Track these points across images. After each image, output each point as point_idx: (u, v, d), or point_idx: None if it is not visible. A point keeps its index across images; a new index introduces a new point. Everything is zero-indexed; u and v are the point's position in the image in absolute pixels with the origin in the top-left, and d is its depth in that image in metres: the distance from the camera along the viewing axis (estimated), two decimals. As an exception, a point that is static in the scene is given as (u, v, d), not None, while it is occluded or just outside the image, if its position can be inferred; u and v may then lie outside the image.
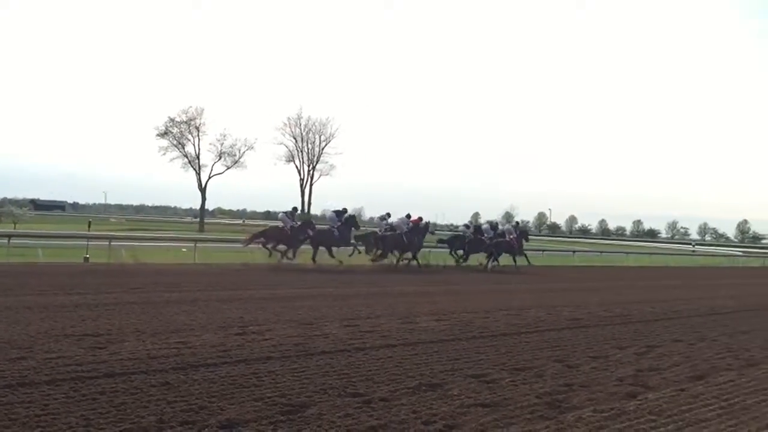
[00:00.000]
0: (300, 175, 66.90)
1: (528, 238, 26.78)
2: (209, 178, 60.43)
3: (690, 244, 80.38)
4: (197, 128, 59.07)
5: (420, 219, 22.36)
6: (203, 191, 60.72)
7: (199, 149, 59.49)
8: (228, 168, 60.57)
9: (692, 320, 11.47)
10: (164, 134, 58.79)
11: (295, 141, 66.52)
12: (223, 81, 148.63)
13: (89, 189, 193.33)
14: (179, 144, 59.29)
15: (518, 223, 27.95)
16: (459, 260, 23.56)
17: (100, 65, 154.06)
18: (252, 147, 60.84)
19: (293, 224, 19.72)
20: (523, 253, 24.79)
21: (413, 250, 21.59)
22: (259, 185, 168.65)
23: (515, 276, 21.16)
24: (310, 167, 66.92)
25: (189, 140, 59.37)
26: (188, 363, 5.97)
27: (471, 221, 30.55)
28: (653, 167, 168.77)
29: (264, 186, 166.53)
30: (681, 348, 8.36)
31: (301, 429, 4.35)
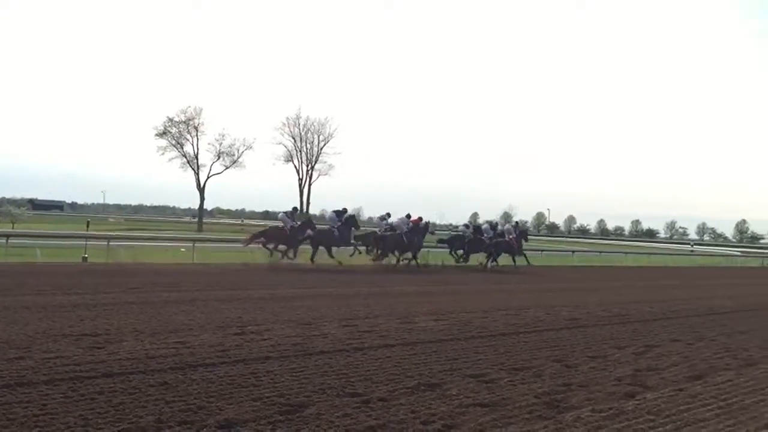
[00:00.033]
0: (299, 175, 67.03)
1: (527, 238, 26.78)
2: (208, 178, 60.52)
3: (688, 244, 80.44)
4: (196, 128, 59.14)
5: (420, 219, 22.35)
6: (202, 191, 60.78)
7: (198, 149, 59.58)
8: (227, 168, 60.71)
9: (691, 320, 11.48)
10: (163, 134, 58.85)
11: (294, 141, 66.64)
12: (222, 81, 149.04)
13: (88, 189, 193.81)
14: (178, 144, 59.34)
15: (518, 223, 27.95)
16: (459, 260, 23.56)
17: (99, 65, 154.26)
18: (251, 147, 61.03)
19: (293, 224, 19.70)
20: (523, 253, 24.82)
21: (413, 250, 21.58)
22: (258, 185, 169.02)
23: (514, 276, 21.16)
24: (309, 167, 67.05)
25: (188, 140, 59.44)
26: (187, 363, 5.96)
27: (470, 221, 30.58)
28: (652, 167, 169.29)
29: (262, 186, 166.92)
30: (679, 348, 8.36)
31: (300, 429, 4.35)
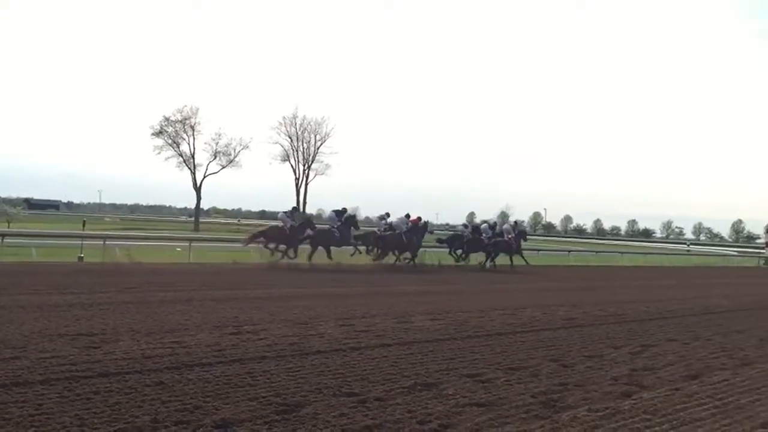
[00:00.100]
0: (295, 175, 66.84)
1: (526, 238, 26.83)
2: (204, 178, 60.48)
3: (685, 244, 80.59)
4: (192, 127, 59.12)
5: (419, 219, 22.38)
6: (198, 190, 60.70)
7: (194, 148, 59.55)
8: (223, 167, 60.70)
9: (687, 319, 11.50)
10: (159, 133, 58.81)
11: (291, 140, 66.44)
12: (219, 80, 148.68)
13: (84, 188, 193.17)
14: (174, 143, 59.30)
15: (516, 223, 27.93)
16: (458, 260, 23.61)
17: (96, 65, 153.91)
18: (247, 146, 60.99)
19: (293, 224, 19.69)
20: (521, 253, 24.86)
21: (412, 250, 21.62)
22: (255, 185, 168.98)
23: (511, 275, 21.20)
24: (306, 167, 66.84)
25: (184, 139, 59.41)
26: (183, 362, 5.95)
27: (467, 221, 30.61)
28: (649, 167, 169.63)
29: (259, 185, 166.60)
30: (675, 347, 8.37)
31: (296, 428, 4.35)
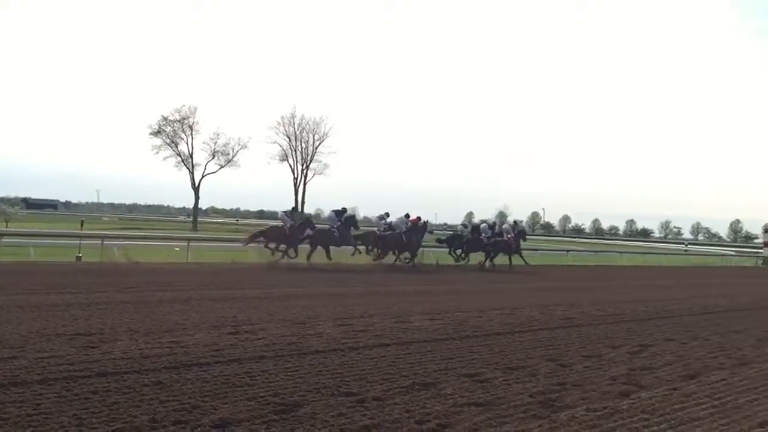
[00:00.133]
0: (294, 174, 66.81)
1: (525, 238, 26.84)
2: (202, 177, 60.53)
3: (683, 244, 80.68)
4: (190, 127, 59.19)
5: (418, 218, 22.40)
6: (196, 190, 60.71)
7: (193, 148, 59.61)
8: (221, 167, 60.75)
9: (685, 319, 11.51)
10: (157, 133, 58.87)
11: (289, 140, 66.40)
12: (217, 80, 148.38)
13: (82, 188, 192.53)
14: (172, 143, 59.36)
15: (516, 223, 27.90)
16: (458, 259, 23.63)
17: (94, 64, 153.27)
18: (245, 146, 61.05)
19: (293, 224, 19.71)
20: (520, 253, 24.87)
21: (412, 250, 21.65)
22: (253, 184, 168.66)
23: (509, 275, 21.21)
24: (304, 166, 66.83)
25: (182, 139, 59.49)
26: (181, 362, 5.95)
27: (466, 221, 30.61)
28: (647, 167, 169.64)
29: (257, 185, 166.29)
30: (674, 347, 8.38)
31: (294, 428, 4.34)
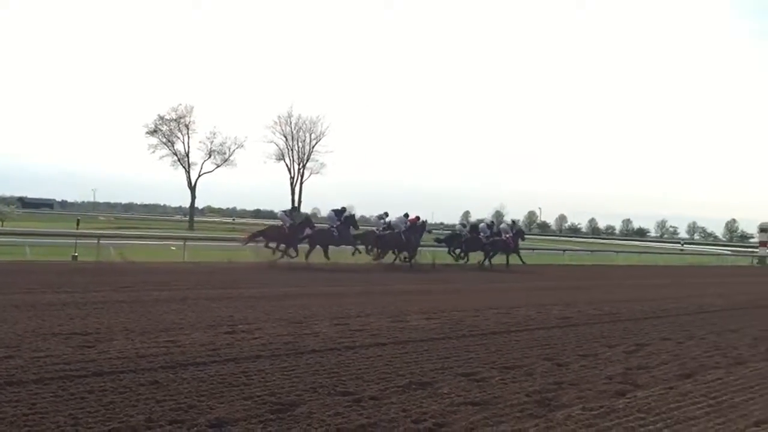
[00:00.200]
0: (290, 174, 66.82)
1: (524, 237, 26.87)
2: (199, 176, 60.51)
3: (679, 243, 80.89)
4: (187, 126, 59.20)
5: (417, 218, 22.42)
6: (193, 189, 60.70)
7: (189, 147, 59.59)
8: (218, 166, 60.80)
9: (681, 319, 11.54)
10: (154, 132, 58.85)
11: (286, 139, 66.40)
12: (213, 79, 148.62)
13: (78, 187, 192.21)
14: (169, 142, 59.33)
15: (514, 222, 27.89)
16: (458, 259, 23.68)
17: (90, 63, 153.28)
18: (242, 145, 61.13)
19: (292, 223, 19.71)
20: (518, 252, 24.90)
21: (411, 249, 21.68)
22: (249, 183, 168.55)
23: (507, 274, 21.22)
24: (301, 165, 66.82)
25: (178, 138, 59.45)
26: (177, 362, 5.94)
27: (466, 221, 30.56)
28: (643, 167, 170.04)
29: (254, 184, 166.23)
30: (670, 346, 8.40)
31: (291, 428, 4.34)
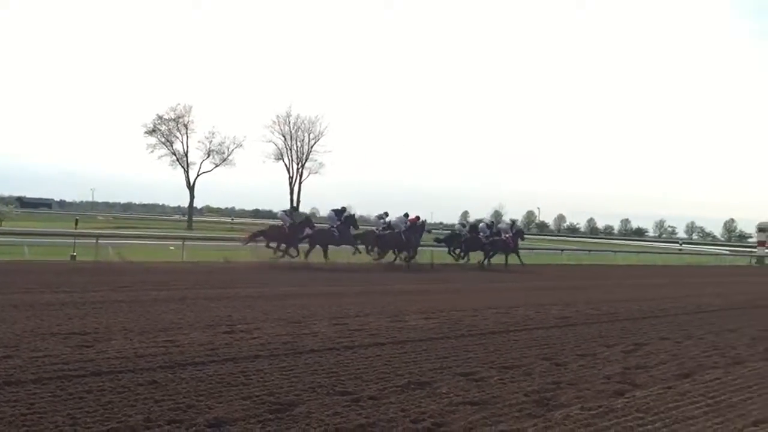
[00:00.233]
0: (289, 173, 66.70)
1: (523, 237, 26.87)
2: (197, 176, 60.43)
3: (677, 243, 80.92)
4: (185, 126, 59.10)
5: (417, 218, 22.44)
6: (191, 189, 60.63)
7: (188, 147, 59.50)
8: (216, 166, 60.71)
9: (679, 318, 11.55)
10: (152, 132, 58.76)
11: (284, 139, 66.25)
12: (212, 78, 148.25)
13: (76, 187, 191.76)
14: (167, 141, 59.24)
15: (514, 222, 27.89)
16: (458, 259, 23.71)
17: (89, 63, 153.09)
18: (241, 145, 61.03)
19: (292, 223, 19.71)
20: (518, 252, 24.92)
21: (411, 249, 21.69)
22: (248, 183, 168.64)
23: (505, 274, 21.24)
24: (299, 165, 66.72)
25: (177, 138, 59.36)
26: (176, 361, 5.93)
27: (466, 221, 30.55)
28: (642, 167, 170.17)
29: (253, 184, 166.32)
30: (668, 346, 8.41)
31: (290, 427, 4.34)
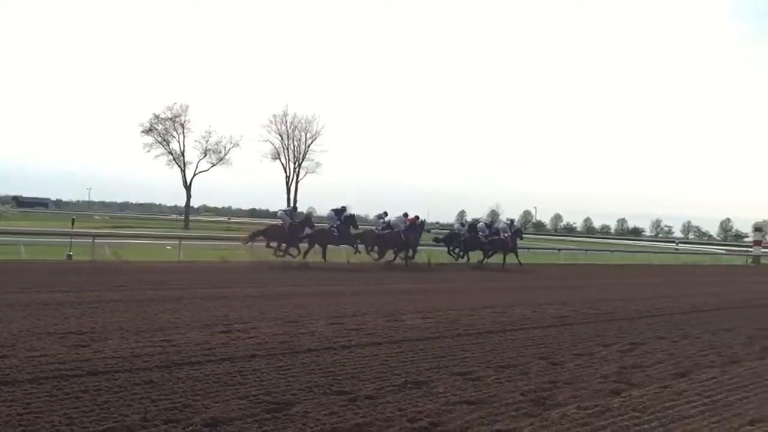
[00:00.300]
0: (286, 173, 66.53)
1: (522, 237, 26.89)
2: (194, 176, 60.19)
3: (674, 243, 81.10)
4: (182, 125, 58.86)
5: (416, 217, 22.46)
6: (188, 188, 60.41)
7: (184, 146, 59.28)
8: (213, 165, 60.47)
9: (676, 318, 11.58)
10: (149, 131, 58.50)
11: (281, 138, 66.04)
12: (209, 77, 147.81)
13: (73, 186, 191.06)
14: (164, 141, 59.00)
15: (513, 221, 27.88)
16: (457, 258, 23.74)
17: (86, 62, 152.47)
18: (237, 144, 60.73)
19: (292, 222, 19.71)
20: (516, 252, 24.94)
21: (410, 248, 21.71)
22: (245, 183, 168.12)
23: (502, 273, 21.27)
24: (296, 165, 66.59)
25: (174, 137, 59.12)
26: (173, 361, 5.93)
27: (464, 220, 30.57)
28: (638, 166, 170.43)
29: (249, 183, 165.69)
30: (664, 345, 8.43)
31: (287, 427, 4.34)
